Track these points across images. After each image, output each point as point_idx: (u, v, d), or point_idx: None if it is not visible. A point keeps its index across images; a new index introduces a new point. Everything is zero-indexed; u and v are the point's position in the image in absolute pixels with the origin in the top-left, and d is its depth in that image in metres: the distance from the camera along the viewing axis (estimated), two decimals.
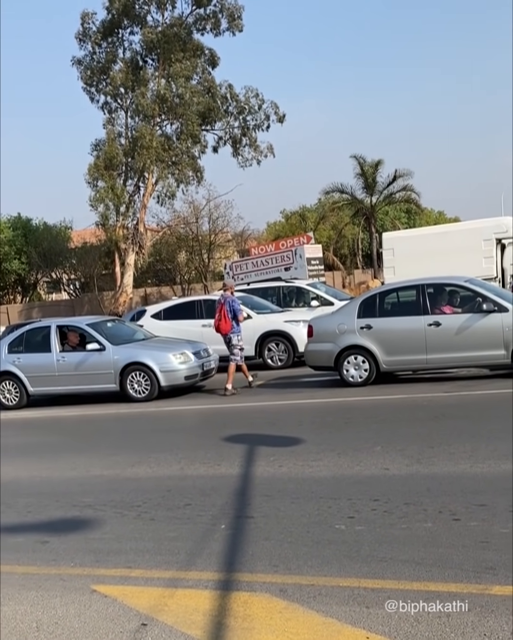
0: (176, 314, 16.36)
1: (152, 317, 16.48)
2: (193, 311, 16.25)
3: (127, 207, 32.63)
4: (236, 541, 4.96)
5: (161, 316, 16.43)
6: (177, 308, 16.64)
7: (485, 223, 19.56)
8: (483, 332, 10.57)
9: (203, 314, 15.92)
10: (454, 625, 3.48)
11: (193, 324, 15.68)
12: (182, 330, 15.36)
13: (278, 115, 32.52)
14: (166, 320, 16.20)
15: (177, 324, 15.83)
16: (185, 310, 16.40)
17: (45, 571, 4.81)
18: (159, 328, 15.66)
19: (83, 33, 32.12)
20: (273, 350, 15.01)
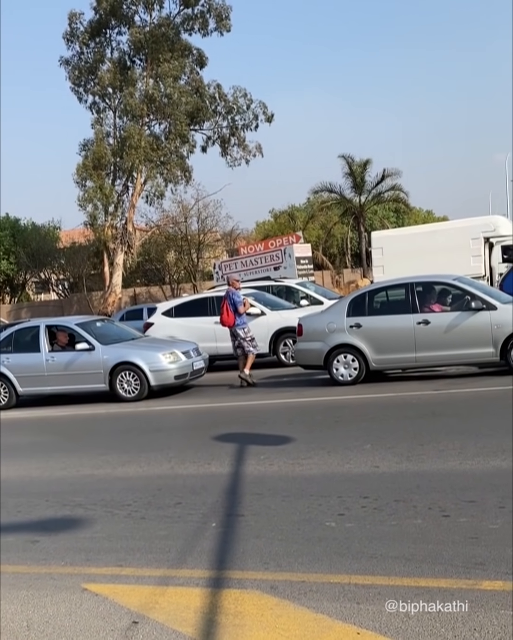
0: (188, 311, 16.11)
1: (164, 314, 16.27)
2: (205, 308, 15.98)
3: (115, 206, 32.61)
4: (226, 539, 4.97)
5: (172, 313, 16.21)
6: (189, 305, 16.39)
7: (473, 222, 19.70)
8: (472, 330, 10.62)
9: (215, 310, 15.49)
10: (444, 620, 3.50)
11: (206, 320, 15.43)
12: (194, 327, 15.25)
13: (267, 115, 32.57)
14: (178, 318, 15.97)
15: (190, 321, 15.65)
16: (197, 307, 16.14)
17: (35, 570, 4.80)
18: (170, 325, 15.61)
19: (71, 33, 32.06)
20: (288, 346, 14.86)
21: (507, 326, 10.43)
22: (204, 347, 14.39)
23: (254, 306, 13.90)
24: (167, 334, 15.49)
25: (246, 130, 32.95)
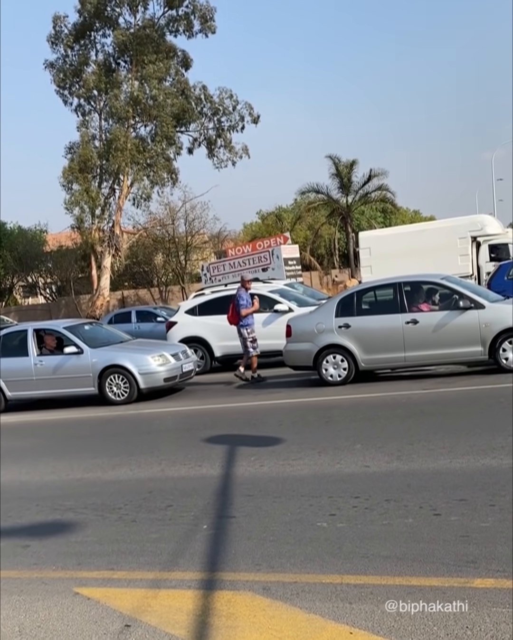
0: (211, 309, 15.76)
1: (187, 313, 16.11)
2: (228, 306, 15.77)
3: (102, 209, 32.54)
4: (218, 541, 4.96)
5: (196, 312, 16.00)
6: (213, 303, 15.94)
7: (460, 221, 19.78)
8: (460, 329, 10.65)
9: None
10: (437, 618, 3.51)
11: None
12: (219, 325, 14.97)
13: (253, 116, 32.61)
14: (202, 316, 15.79)
15: (214, 319, 15.32)
16: (221, 305, 15.57)
17: (26, 575, 4.78)
18: (194, 324, 15.53)
19: (55, 36, 32.00)
20: None
21: (495, 325, 10.48)
22: (229, 345, 14.41)
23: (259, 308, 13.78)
24: (191, 332, 15.53)
25: (232, 132, 33.00)
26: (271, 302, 15.34)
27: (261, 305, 15.50)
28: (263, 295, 15.80)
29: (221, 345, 15.29)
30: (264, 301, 15.51)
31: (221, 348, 15.38)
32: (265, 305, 15.32)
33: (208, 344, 15.58)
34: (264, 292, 16.08)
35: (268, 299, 15.44)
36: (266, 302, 15.35)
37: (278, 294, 15.57)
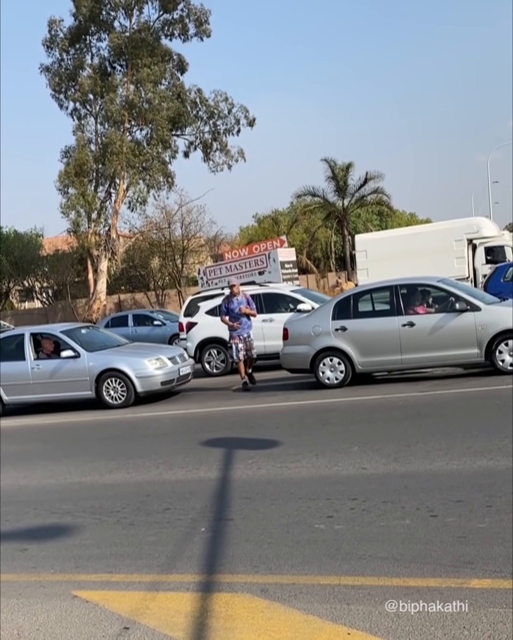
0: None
1: (207, 313, 15.94)
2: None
3: (98, 213, 32.55)
4: (216, 543, 4.97)
5: (216, 312, 15.54)
6: None
7: (456, 224, 19.79)
8: (457, 331, 10.68)
9: (262, 308, 15.14)
10: (434, 618, 3.52)
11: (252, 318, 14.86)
12: None
13: (248, 119, 32.67)
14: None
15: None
16: None
17: (25, 578, 4.78)
18: (215, 324, 15.13)
19: (50, 40, 32.02)
20: None
21: (491, 327, 10.51)
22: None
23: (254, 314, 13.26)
24: (211, 333, 15.40)
25: (228, 135, 33.06)
26: (294, 301, 15.25)
27: (282, 304, 15.57)
28: (286, 294, 15.79)
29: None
30: (286, 301, 15.49)
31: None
32: (287, 305, 15.28)
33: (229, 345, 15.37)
34: (287, 291, 16.09)
35: (291, 298, 15.40)
36: (288, 302, 15.31)
37: (301, 294, 15.49)
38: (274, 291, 16.52)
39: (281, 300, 15.80)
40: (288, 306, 15.12)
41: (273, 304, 15.58)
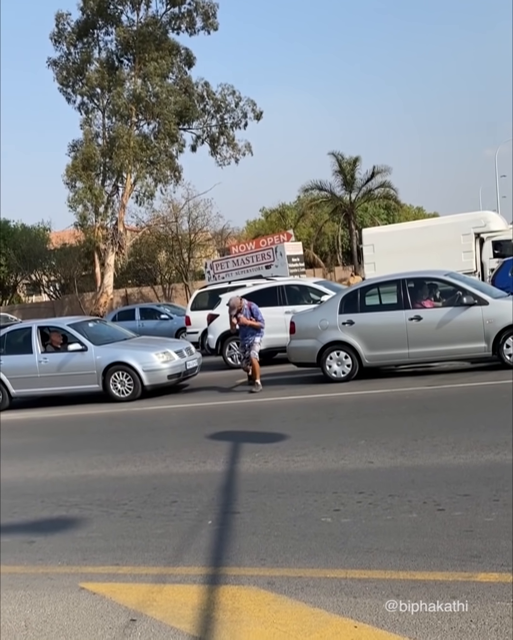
0: (255, 301, 14.94)
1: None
2: (274, 297, 15.39)
3: (106, 207, 32.58)
4: (223, 536, 4.98)
5: None
6: (257, 295, 15.35)
7: (464, 218, 19.73)
8: (464, 325, 10.65)
9: (285, 300, 15.12)
10: (440, 612, 3.52)
11: (275, 310, 14.72)
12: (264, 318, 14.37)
13: (255, 113, 32.61)
14: None
15: None
16: (266, 296, 15.36)
17: (32, 570, 4.80)
18: None
19: (58, 34, 32.00)
20: None
21: (498, 321, 10.47)
22: (275, 338, 13.98)
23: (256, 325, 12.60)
24: None
25: (235, 129, 33.01)
26: (318, 293, 15.15)
27: (304, 296, 15.47)
28: (309, 286, 15.72)
29: (265, 338, 14.81)
30: (308, 292, 15.41)
31: (264, 341, 14.87)
32: (309, 297, 15.21)
33: None
34: (310, 283, 16.03)
35: (314, 290, 15.34)
36: (310, 294, 15.25)
37: (324, 286, 15.43)
38: (298, 283, 16.49)
39: (304, 292, 15.69)
40: (310, 298, 15.01)
41: (296, 296, 15.48)
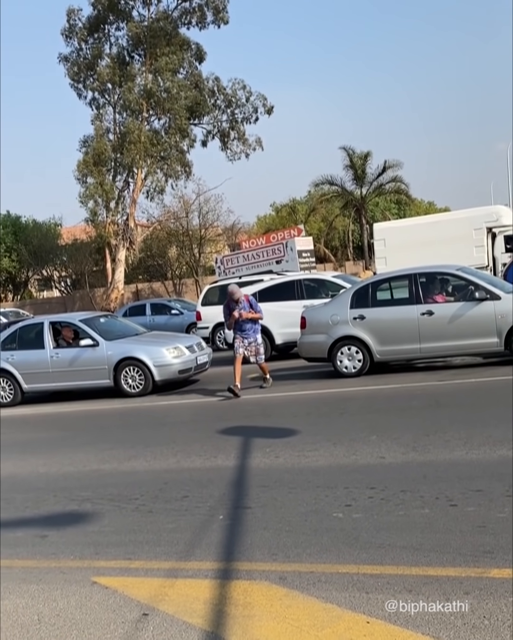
0: (273, 296, 15.35)
1: None
2: (292, 291, 15.36)
3: (116, 202, 32.66)
4: (234, 531, 4.98)
5: (256, 298, 15.45)
6: (275, 289, 15.56)
7: (475, 212, 19.62)
8: (476, 320, 10.60)
9: (303, 294, 15.09)
10: (454, 608, 3.50)
11: (294, 305, 14.54)
12: (282, 312, 14.66)
13: (266, 107, 32.57)
14: (263, 303, 14.86)
15: (276, 306, 14.89)
16: (283, 290, 15.40)
17: (45, 564, 4.82)
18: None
19: (69, 29, 32.06)
20: None
21: (511, 316, 10.41)
22: (291, 332, 13.74)
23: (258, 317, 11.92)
24: None
25: (245, 124, 32.97)
26: (336, 287, 15.03)
27: (322, 290, 15.35)
28: (327, 280, 15.65)
29: (282, 332, 14.86)
30: (326, 286, 15.35)
31: (282, 335, 14.96)
32: (327, 291, 15.13)
33: (268, 332, 15.04)
34: (328, 277, 15.97)
35: (332, 284, 15.26)
36: (328, 288, 15.20)
37: (342, 279, 15.39)
38: (316, 277, 16.46)
39: (322, 286, 15.60)
40: (328, 292, 14.91)
41: (313, 290, 15.42)
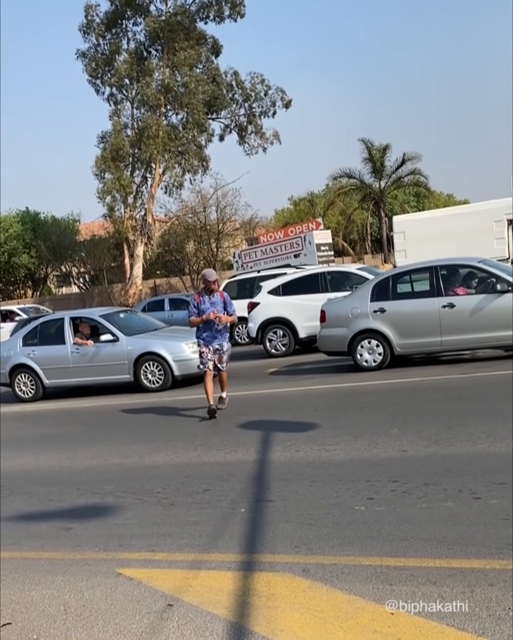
0: (296, 289, 15.37)
1: (270, 293, 15.68)
2: (316, 284, 15.29)
3: (134, 198, 32.74)
4: (256, 524, 4.99)
5: (279, 292, 15.53)
6: (298, 282, 15.55)
7: (495, 204, 19.44)
8: (498, 313, 10.52)
9: (327, 286, 15.02)
10: (478, 600, 3.49)
11: (318, 298, 14.03)
12: (305, 305, 14.63)
13: (285, 101, 32.45)
14: (286, 296, 15.34)
15: (300, 299, 15.00)
16: (307, 283, 15.37)
17: (70, 556, 4.87)
18: (278, 304, 15.18)
19: (87, 25, 32.12)
20: None
21: None
22: (314, 325, 13.22)
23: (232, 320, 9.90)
24: (274, 313, 15.22)
25: (263, 117, 32.89)
26: (361, 280, 14.79)
27: (347, 283, 15.15)
28: (351, 272, 15.55)
29: (306, 326, 14.77)
30: (351, 279, 15.22)
31: (305, 329, 14.90)
32: (352, 284, 14.98)
33: (292, 325, 15.16)
34: (353, 269, 15.90)
35: (357, 276, 15.14)
36: (353, 280, 15.09)
37: (367, 272, 15.30)
38: (340, 269, 16.43)
39: (346, 278, 15.50)
40: (353, 284, 14.76)
41: (338, 283, 15.31)
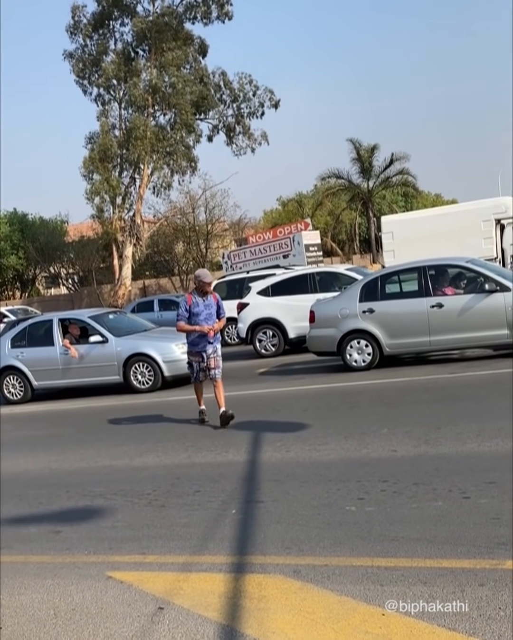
0: (286, 289, 15.40)
1: (259, 293, 15.68)
2: (305, 285, 15.35)
3: (123, 199, 32.64)
4: (247, 525, 4.98)
5: (269, 292, 15.54)
6: (288, 282, 15.61)
7: (483, 204, 19.50)
8: (486, 312, 10.57)
9: (316, 287, 15.08)
10: (469, 599, 3.50)
11: (307, 298, 14.21)
12: (294, 306, 14.68)
13: (273, 101, 32.46)
14: (275, 297, 15.35)
15: (289, 300, 15.07)
16: (296, 284, 15.40)
17: (59, 560, 4.84)
18: (267, 305, 15.20)
19: (74, 26, 32.02)
20: None
21: None
22: (304, 326, 13.19)
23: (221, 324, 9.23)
24: (264, 314, 15.21)
25: (251, 118, 32.89)
26: (350, 280, 14.83)
27: (336, 283, 15.14)
28: (340, 273, 15.56)
29: (296, 326, 14.81)
30: (340, 280, 15.22)
31: (295, 329, 14.92)
32: (341, 284, 14.98)
33: (281, 326, 15.17)
34: (342, 270, 15.89)
35: (346, 277, 15.14)
36: (342, 281, 15.08)
37: (355, 272, 15.32)
38: (329, 270, 16.46)
39: (335, 279, 15.53)
40: (342, 285, 14.78)
41: (327, 283, 15.36)
